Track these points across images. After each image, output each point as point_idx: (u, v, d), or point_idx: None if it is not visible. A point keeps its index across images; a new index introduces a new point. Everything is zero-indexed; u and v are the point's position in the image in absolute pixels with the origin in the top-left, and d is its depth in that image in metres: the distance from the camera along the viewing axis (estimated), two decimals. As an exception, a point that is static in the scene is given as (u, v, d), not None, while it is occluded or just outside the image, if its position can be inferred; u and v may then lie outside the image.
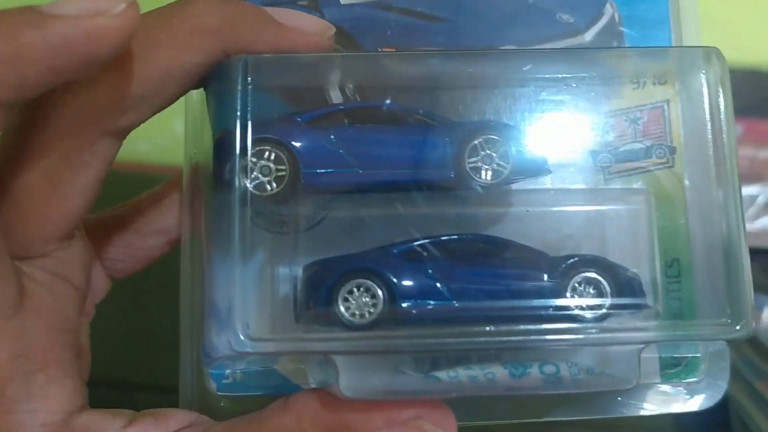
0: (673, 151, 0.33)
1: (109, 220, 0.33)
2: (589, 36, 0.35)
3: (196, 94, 0.31)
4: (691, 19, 0.35)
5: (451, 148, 0.28)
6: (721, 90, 0.28)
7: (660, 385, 0.32)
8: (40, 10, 0.23)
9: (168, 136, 0.41)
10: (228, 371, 0.31)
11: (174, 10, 0.27)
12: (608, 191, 0.30)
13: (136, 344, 0.43)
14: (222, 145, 0.27)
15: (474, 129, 0.28)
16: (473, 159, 0.28)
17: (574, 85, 0.32)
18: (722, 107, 0.28)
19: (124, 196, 0.33)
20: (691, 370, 0.32)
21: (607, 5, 0.35)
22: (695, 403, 0.33)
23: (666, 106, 0.33)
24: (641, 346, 0.26)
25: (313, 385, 0.30)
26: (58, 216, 0.27)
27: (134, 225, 0.33)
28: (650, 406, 0.33)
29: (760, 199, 0.57)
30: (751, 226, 0.58)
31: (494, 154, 0.28)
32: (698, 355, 0.32)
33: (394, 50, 0.33)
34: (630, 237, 0.29)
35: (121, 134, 0.27)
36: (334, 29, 0.29)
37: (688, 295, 0.31)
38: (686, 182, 0.32)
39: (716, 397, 0.33)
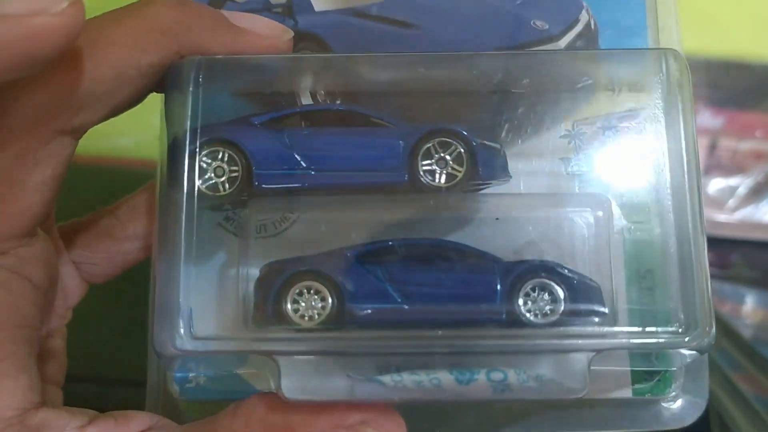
0: (647, 159, 0.32)
1: (85, 225, 0.33)
2: (564, 42, 0.34)
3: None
4: (671, 25, 0.34)
5: (404, 151, 0.28)
6: (678, 93, 0.27)
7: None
8: None
9: (149, 131, 0.41)
10: (191, 375, 0.32)
11: (128, 11, 0.27)
12: (571, 197, 0.29)
13: (114, 339, 0.43)
14: (175, 146, 0.27)
15: (427, 132, 0.28)
16: (427, 162, 0.28)
17: (544, 90, 0.31)
18: (680, 110, 0.27)
19: (106, 189, 0.33)
20: (664, 386, 0.31)
21: (583, 11, 0.34)
22: (670, 421, 0.32)
23: (641, 114, 0.33)
24: (590, 354, 0.26)
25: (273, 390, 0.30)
26: (15, 215, 0.27)
27: (109, 229, 0.33)
28: (623, 423, 0.32)
29: (741, 190, 0.56)
30: (731, 218, 0.57)
31: (448, 158, 0.28)
32: (673, 369, 0.31)
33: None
34: (593, 244, 0.28)
35: (77, 133, 0.28)
36: (291, 33, 0.29)
37: (663, 307, 0.30)
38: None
39: (693, 415, 0.32)
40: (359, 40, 0.34)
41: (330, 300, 0.27)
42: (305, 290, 0.27)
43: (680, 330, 0.25)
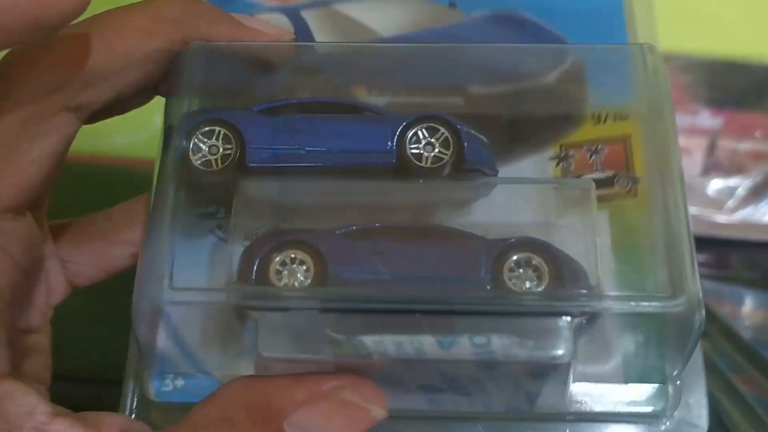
0: (635, 180, 0.33)
1: (78, 224, 0.33)
2: (551, 78, 0.36)
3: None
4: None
5: (393, 135, 0.29)
6: (656, 88, 0.29)
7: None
8: None
9: (147, 129, 0.41)
10: (169, 376, 0.31)
11: (139, 3, 0.30)
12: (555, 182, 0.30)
13: (111, 340, 0.41)
14: (173, 125, 0.29)
15: (415, 118, 0.29)
16: (415, 146, 0.29)
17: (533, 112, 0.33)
18: (658, 106, 0.29)
19: (103, 187, 0.33)
20: (661, 400, 0.30)
21: (569, 48, 0.36)
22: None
23: (629, 140, 0.34)
24: (576, 320, 0.25)
25: None
26: (10, 185, 0.28)
27: (102, 231, 0.33)
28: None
29: (740, 191, 0.55)
30: (730, 218, 0.56)
31: (435, 142, 0.29)
32: (666, 384, 0.30)
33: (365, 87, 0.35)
34: (578, 223, 0.29)
35: (81, 112, 0.29)
36: (292, 34, 0.31)
37: (650, 278, 0.29)
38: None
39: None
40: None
41: (313, 270, 0.27)
42: (289, 259, 0.27)
43: (668, 295, 0.25)
